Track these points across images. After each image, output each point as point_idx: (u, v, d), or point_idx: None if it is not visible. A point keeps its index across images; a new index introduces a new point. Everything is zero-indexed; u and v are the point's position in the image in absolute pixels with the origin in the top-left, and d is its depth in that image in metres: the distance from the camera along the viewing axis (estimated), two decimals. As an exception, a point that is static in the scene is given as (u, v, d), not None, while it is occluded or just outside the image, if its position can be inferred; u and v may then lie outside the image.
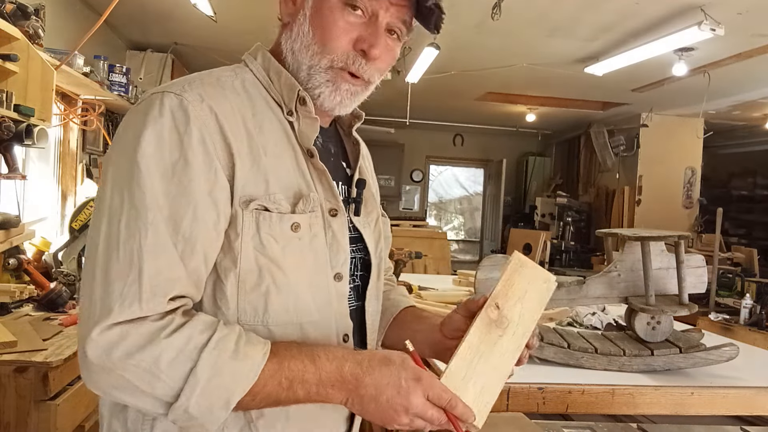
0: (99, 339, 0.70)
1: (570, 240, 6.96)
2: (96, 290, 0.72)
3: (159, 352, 0.70)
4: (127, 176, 0.73)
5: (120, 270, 0.71)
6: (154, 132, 0.74)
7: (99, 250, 0.73)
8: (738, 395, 1.63)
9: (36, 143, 2.29)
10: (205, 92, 0.79)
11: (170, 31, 4.39)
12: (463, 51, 4.43)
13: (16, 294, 2.11)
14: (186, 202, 0.74)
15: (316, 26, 0.86)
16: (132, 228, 0.72)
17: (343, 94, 0.88)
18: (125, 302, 0.70)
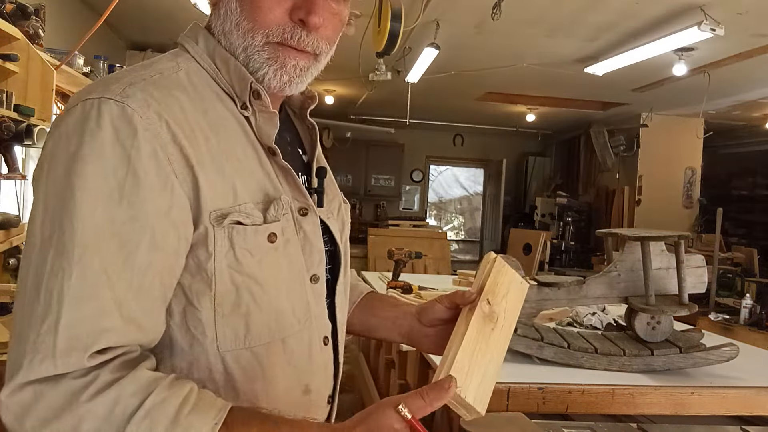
0: (9, 402, 0.58)
1: (570, 240, 6.96)
2: (14, 338, 0.60)
3: (77, 420, 0.57)
4: (60, 203, 0.61)
5: (37, 317, 0.59)
6: (93, 148, 0.62)
7: (25, 289, 0.62)
8: (738, 395, 1.63)
9: (36, 143, 2.29)
10: (151, 95, 0.67)
11: (170, 31, 4.39)
12: (463, 51, 4.43)
13: (16, 294, 2.12)
14: (140, 227, 0.63)
15: (244, 1, 0.74)
16: (56, 267, 0.60)
17: (290, 72, 0.76)
18: (36, 357, 0.58)
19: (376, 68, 3.89)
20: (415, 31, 3.73)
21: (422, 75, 4.73)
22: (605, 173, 7.15)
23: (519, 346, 1.75)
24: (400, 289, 2.65)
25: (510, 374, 1.63)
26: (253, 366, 0.73)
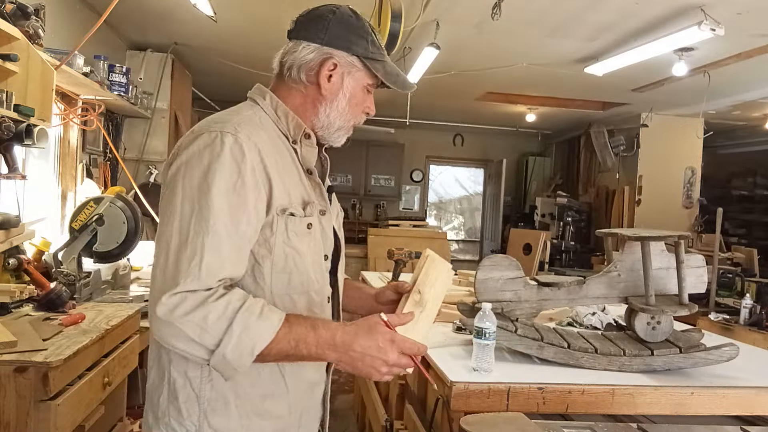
0: (166, 301, 0.97)
1: (570, 240, 6.96)
2: (168, 268, 1.00)
3: (207, 312, 0.97)
4: (198, 192, 1.02)
5: (187, 257, 0.99)
6: (220, 163, 1.03)
7: (172, 241, 1.01)
8: (738, 395, 1.63)
9: (36, 143, 2.29)
10: (249, 132, 1.08)
11: (170, 31, 4.39)
12: (463, 51, 4.43)
13: (16, 294, 2.11)
14: (243, 211, 1.04)
15: (352, 105, 1.23)
16: (198, 229, 1.01)
17: (343, 139, 1.27)
18: (188, 279, 0.98)
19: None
20: (415, 31, 3.73)
21: (422, 75, 4.73)
22: (605, 173, 7.15)
23: (519, 346, 1.75)
24: (400, 289, 2.64)
25: (510, 374, 1.63)
26: (290, 308, 1.10)
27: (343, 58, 1.20)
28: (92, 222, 2.57)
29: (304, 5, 1.27)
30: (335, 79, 1.20)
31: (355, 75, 1.23)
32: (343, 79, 1.21)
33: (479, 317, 1.61)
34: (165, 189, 1.07)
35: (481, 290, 1.84)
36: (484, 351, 1.60)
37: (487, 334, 1.60)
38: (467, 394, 1.53)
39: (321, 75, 1.19)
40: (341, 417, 3.94)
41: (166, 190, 1.07)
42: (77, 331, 1.95)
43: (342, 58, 1.20)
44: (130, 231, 2.68)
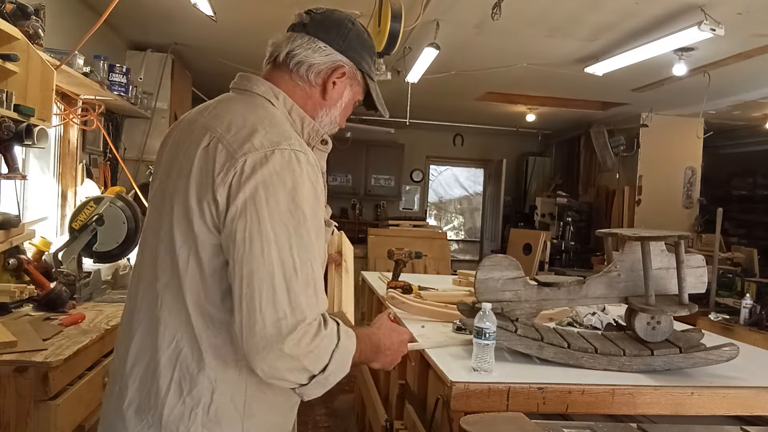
0: (295, 337, 0.96)
1: (570, 240, 6.96)
2: (281, 302, 0.97)
3: (321, 340, 1.00)
4: (291, 217, 1.00)
5: (301, 288, 0.98)
6: (301, 181, 1.02)
7: (275, 271, 0.97)
8: (738, 395, 1.63)
9: (36, 143, 2.29)
10: (304, 147, 1.09)
11: (170, 31, 4.39)
12: (463, 51, 4.43)
13: (16, 294, 2.11)
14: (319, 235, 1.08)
15: (341, 115, 1.28)
16: (303, 258, 1.00)
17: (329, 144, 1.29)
18: (309, 310, 0.98)
19: (376, 68, 3.89)
20: (415, 31, 3.73)
21: (422, 75, 4.73)
22: (605, 173, 7.15)
23: (519, 346, 1.75)
24: (400, 289, 2.65)
25: (510, 374, 1.63)
26: None
27: (351, 69, 1.23)
28: (92, 222, 2.57)
29: (303, 6, 1.27)
30: (339, 87, 1.22)
31: (354, 88, 1.27)
32: (345, 89, 1.24)
33: (479, 317, 1.61)
34: (238, 212, 0.98)
35: (481, 290, 1.84)
36: (484, 351, 1.60)
37: (487, 334, 1.60)
38: (467, 394, 1.53)
39: (329, 80, 1.20)
40: (341, 417, 3.94)
41: (246, 209, 0.98)
42: (77, 331, 1.95)
43: (350, 70, 1.23)
44: (130, 231, 2.68)
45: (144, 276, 1.11)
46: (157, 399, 1.04)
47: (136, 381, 1.07)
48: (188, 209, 1.03)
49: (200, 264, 1.03)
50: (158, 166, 1.19)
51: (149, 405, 1.04)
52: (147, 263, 1.10)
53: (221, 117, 1.10)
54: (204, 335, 1.04)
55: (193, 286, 1.03)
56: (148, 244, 1.12)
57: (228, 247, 0.99)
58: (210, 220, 1.01)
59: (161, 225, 1.08)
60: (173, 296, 1.05)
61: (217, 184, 1.00)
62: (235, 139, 1.03)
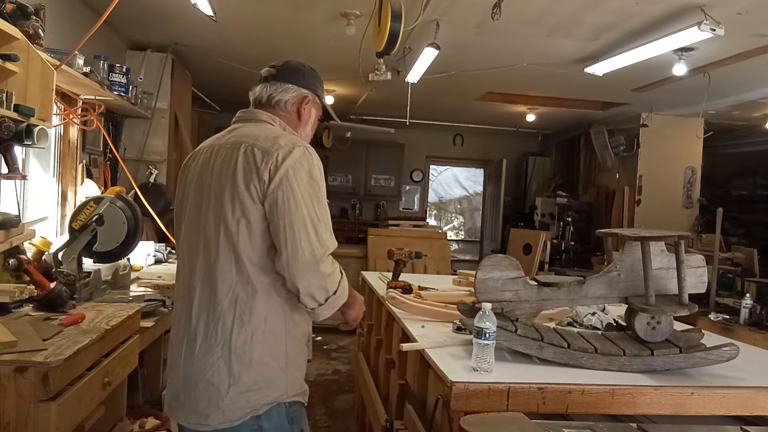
0: (325, 260, 1.46)
1: (570, 240, 6.96)
2: (312, 238, 1.44)
3: (335, 268, 1.52)
4: (311, 187, 1.48)
5: (324, 230, 1.48)
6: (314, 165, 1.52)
7: (307, 220, 1.44)
8: (738, 395, 1.63)
9: (36, 143, 2.29)
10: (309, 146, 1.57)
11: (170, 31, 4.39)
12: (463, 51, 4.43)
13: (16, 294, 2.11)
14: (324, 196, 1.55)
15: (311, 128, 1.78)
16: (322, 212, 1.49)
17: None
18: (329, 244, 1.48)
19: (376, 68, 3.89)
20: (415, 31, 3.73)
21: (422, 75, 4.73)
22: (605, 173, 7.15)
23: (519, 346, 1.75)
24: (400, 289, 2.65)
25: (510, 374, 1.63)
26: None
27: (312, 96, 1.73)
28: (92, 222, 2.57)
29: (303, 6, 1.28)
30: (307, 110, 1.73)
31: (315, 108, 1.76)
32: (311, 110, 1.74)
33: (479, 317, 1.61)
34: (278, 183, 1.45)
35: (481, 290, 1.84)
36: (484, 351, 1.60)
37: (487, 334, 1.60)
38: (467, 394, 1.53)
39: (301, 107, 1.71)
40: (341, 417, 3.94)
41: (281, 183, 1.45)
42: (77, 331, 1.95)
43: (312, 97, 1.73)
44: (130, 231, 2.68)
45: (195, 257, 1.52)
46: (224, 333, 1.45)
47: (201, 331, 1.47)
48: (238, 193, 1.47)
49: (249, 228, 1.46)
50: (185, 182, 1.64)
51: (217, 341, 1.46)
52: (196, 248, 1.52)
53: (246, 134, 1.56)
54: (256, 277, 1.47)
55: (245, 245, 1.46)
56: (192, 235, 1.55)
57: (271, 209, 1.45)
58: (256, 196, 1.46)
59: (207, 214, 1.51)
60: (227, 258, 1.47)
61: (261, 171, 1.46)
62: (265, 143, 1.50)
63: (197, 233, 1.52)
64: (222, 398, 1.43)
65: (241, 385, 1.44)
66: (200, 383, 1.45)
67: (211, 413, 1.44)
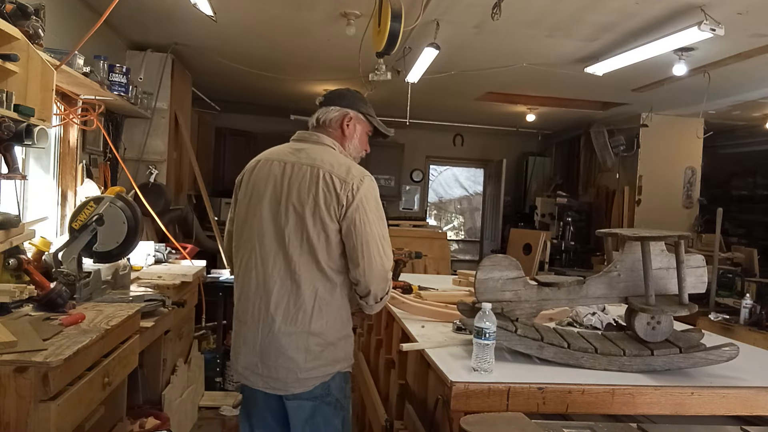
0: (390, 271, 1.85)
1: (570, 240, 6.95)
2: (383, 253, 1.81)
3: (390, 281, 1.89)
4: (378, 212, 1.86)
5: (388, 248, 1.84)
6: (377, 194, 1.90)
7: (379, 240, 1.81)
8: (738, 395, 1.63)
9: (36, 143, 2.29)
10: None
11: (170, 31, 4.39)
12: (463, 51, 4.43)
13: (16, 294, 2.11)
14: None
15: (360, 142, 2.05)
16: (386, 233, 1.86)
17: None
18: (392, 260, 1.88)
19: (376, 68, 3.89)
20: (415, 31, 3.73)
21: (422, 75, 4.73)
22: (605, 173, 7.15)
23: (519, 346, 1.75)
24: (400, 289, 2.65)
25: (510, 374, 1.63)
26: None
27: (354, 113, 1.99)
28: (92, 222, 2.57)
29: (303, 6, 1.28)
30: (350, 126, 1.99)
31: (361, 124, 2.02)
32: (354, 126, 2.00)
33: (479, 317, 1.61)
34: (355, 208, 1.79)
35: (481, 290, 1.84)
36: (484, 351, 1.60)
37: (487, 334, 1.60)
38: (467, 394, 1.53)
39: (343, 123, 1.98)
40: (341, 417, 3.94)
41: (358, 208, 1.80)
42: (77, 331, 1.95)
43: (354, 114, 1.99)
44: (130, 231, 2.67)
45: (272, 258, 1.82)
46: (305, 318, 1.79)
47: (280, 315, 1.80)
48: (319, 212, 1.79)
49: (328, 240, 1.79)
50: (251, 187, 1.92)
51: (296, 325, 1.79)
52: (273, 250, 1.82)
53: (320, 159, 1.85)
54: (333, 277, 1.82)
55: (322, 253, 1.79)
56: (269, 239, 1.84)
57: (349, 228, 1.78)
58: (334, 215, 1.79)
59: (287, 224, 1.81)
60: (308, 261, 1.80)
61: (341, 197, 1.78)
62: (340, 171, 1.82)
63: (275, 238, 1.83)
64: (300, 370, 1.79)
65: (318, 360, 1.81)
66: (280, 358, 1.79)
67: (290, 382, 1.80)
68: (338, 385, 1.88)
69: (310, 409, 1.85)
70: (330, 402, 1.87)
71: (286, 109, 7.29)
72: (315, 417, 1.85)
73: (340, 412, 1.91)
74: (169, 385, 3.28)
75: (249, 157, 2.07)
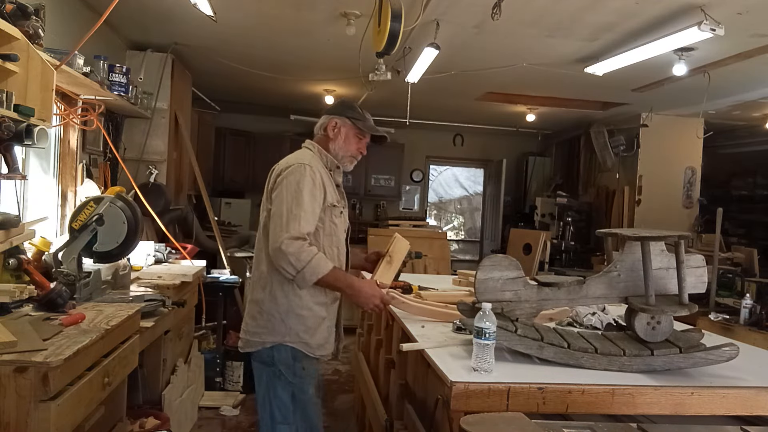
0: (286, 241, 1.98)
1: (570, 240, 6.95)
2: (284, 222, 2.01)
3: (297, 250, 1.98)
4: (294, 191, 2.05)
5: (292, 222, 2.00)
6: (305, 177, 2.08)
7: (284, 208, 2.03)
8: (738, 395, 1.63)
9: (36, 143, 2.29)
10: (316, 165, 2.17)
11: (170, 31, 4.40)
12: (463, 51, 4.43)
13: (16, 294, 2.11)
14: (315, 199, 2.09)
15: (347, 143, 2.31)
16: (296, 210, 2.03)
17: (350, 166, 2.37)
18: (292, 233, 1.99)
19: (376, 68, 3.89)
20: (415, 31, 3.73)
21: (422, 75, 4.73)
22: (605, 173, 7.15)
23: (519, 346, 1.75)
24: (400, 289, 2.65)
25: (510, 374, 1.63)
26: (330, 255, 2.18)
27: (339, 118, 2.30)
28: (92, 222, 2.57)
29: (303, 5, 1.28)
30: (336, 129, 2.29)
31: (346, 128, 2.30)
32: (339, 129, 2.29)
33: (479, 317, 1.61)
34: (274, 190, 2.10)
35: (481, 290, 1.84)
36: (484, 351, 1.60)
37: (487, 334, 1.60)
38: (467, 394, 1.53)
39: (328, 127, 2.29)
40: (341, 417, 3.94)
41: (275, 190, 2.10)
42: (77, 331, 1.95)
43: (339, 119, 2.29)
44: (130, 231, 2.67)
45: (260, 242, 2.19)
46: (253, 289, 2.19)
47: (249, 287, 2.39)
48: (267, 200, 2.15)
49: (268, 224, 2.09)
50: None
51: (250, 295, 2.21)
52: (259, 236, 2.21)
53: (284, 159, 2.20)
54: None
55: (267, 237, 2.09)
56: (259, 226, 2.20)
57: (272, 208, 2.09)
58: (269, 199, 2.12)
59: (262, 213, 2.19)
60: (264, 244, 2.13)
61: (273, 182, 2.14)
62: (283, 164, 2.17)
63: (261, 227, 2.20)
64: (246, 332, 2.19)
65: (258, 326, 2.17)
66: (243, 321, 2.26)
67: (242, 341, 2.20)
68: (283, 358, 2.11)
69: (259, 372, 2.17)
70: (276, 372, 2.12)
71: (286, 109, 7.29)
72: (263, 381, 2.16)
73: (287, 386, 2.12)
74: (169, 385, 3.28)
75: (249, 157, 2.19)
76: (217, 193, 7.19)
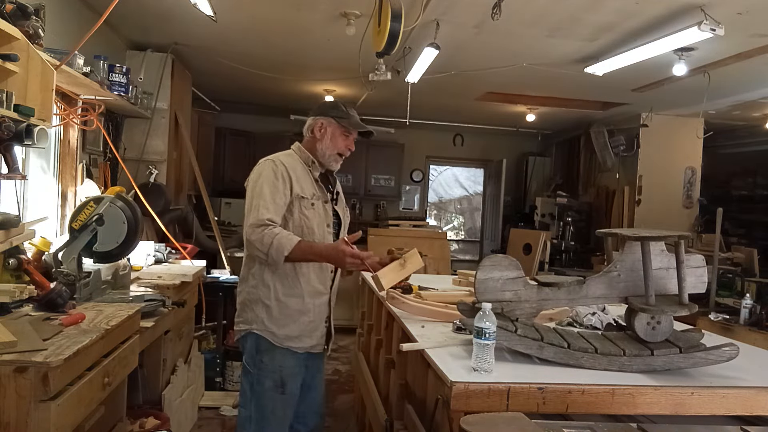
0: (248, 230, 2.14)
1: (570, 240, 6.95)
2: (247, 213, 2.19)
3: (260, 234, 2.11)
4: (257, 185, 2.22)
5: (254, 212, 2.16)
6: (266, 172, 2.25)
7: (248, 202, 2.22)
8: (738, 395, 1.63)
9: (36, 143, 2.29)
10: (282, 160, 2.31)
11: (170, 31, 4.40)
12: (463, 51, 4.43)
13: (16, 294, 2.11)
14: (278, 191, 2.22)
15: (333, 142, 2.40)
16: (257, 201, 2.18)
17: (337, 165, 2.47)
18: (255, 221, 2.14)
19: (376, 68, 3.89)
20: (415, 31, 3.73)
21: (422, 75, 4.73)
22: (605, 173, 7.15)
23: (519, 346, 1.75)
24: (401, 289, 2.65)
25: (510, 374, 1.63)
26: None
27: (324, 119, 2.39)
28: (92, 222, 2.57)
29: (303, 5, 1.28)
30: (323, 129, 2.38)
31: (332, 127, 2.38)
32: (324, 129, 2.38)
33: (479, 317, 1.61)
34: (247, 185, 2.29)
35: (481, 290, 1.84)
36: (484, 351, 1.60)
37: (487, 334, 1.60)
38: (467, 394, 1.53)
39: (314, 128, 2.39)
40: (341, 417, 3.94)
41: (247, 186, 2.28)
42: (77, 331, 1.95)
43: (324, 120, 2.39)
44: (130, 231, 2.67)
45: None
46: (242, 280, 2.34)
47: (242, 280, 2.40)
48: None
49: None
50: None
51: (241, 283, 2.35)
52: None
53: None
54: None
55: None
56: None
57: None
58: None
59: None
60: None
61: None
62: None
63: None
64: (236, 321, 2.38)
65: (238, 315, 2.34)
66: None
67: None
68: (248, 347, 2.26)
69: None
70: (245, 360, 2.28)
71: (286, 109, 7.29)
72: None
73: (248, 375, 2.25)
74: (169, 385, 3.28)
75: (249, 157, 2.22)
76: (217, 193, 7.18)
